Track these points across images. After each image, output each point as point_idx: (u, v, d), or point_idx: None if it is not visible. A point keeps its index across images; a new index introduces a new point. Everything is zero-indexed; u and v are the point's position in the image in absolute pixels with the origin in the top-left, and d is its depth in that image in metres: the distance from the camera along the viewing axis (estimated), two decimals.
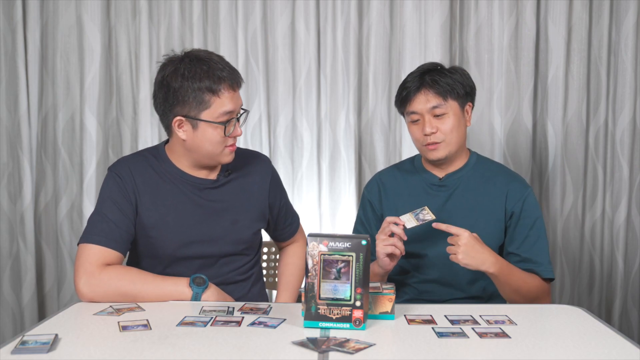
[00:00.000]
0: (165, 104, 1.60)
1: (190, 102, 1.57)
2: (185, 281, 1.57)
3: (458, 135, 1.79)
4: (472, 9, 2.60)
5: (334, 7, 2.60)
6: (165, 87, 1.59)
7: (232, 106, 1.59)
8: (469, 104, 1.84)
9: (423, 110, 1.78)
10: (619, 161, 2.65)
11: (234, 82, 1.60)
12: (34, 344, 1.20)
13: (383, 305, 1.41)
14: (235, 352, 1.20)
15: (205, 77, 1.56)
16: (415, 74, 1.82)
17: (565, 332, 1.35)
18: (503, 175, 1.86)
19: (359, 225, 1.97)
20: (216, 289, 1.60)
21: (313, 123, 2.63)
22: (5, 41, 2.52)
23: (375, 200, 1.92)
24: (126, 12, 2.59)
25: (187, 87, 1.56)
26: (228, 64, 1.62)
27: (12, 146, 2.55)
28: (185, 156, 1.67)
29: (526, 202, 1.81)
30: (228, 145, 1.63)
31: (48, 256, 2.62)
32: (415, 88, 1.79)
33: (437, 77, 1.77)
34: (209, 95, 1.56)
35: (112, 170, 1.68)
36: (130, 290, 1.53)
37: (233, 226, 1.71)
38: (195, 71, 1.56)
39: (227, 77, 1.58)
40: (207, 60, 1.58)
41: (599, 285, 2.70)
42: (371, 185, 1.96)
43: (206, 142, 1.60)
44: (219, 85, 1.56)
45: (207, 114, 1.58)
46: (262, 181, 1.78)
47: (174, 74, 1.57)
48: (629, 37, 2.59)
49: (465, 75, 1.83)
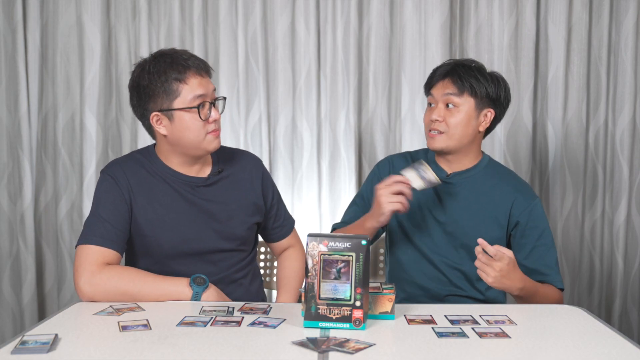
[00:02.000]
0: (140, 103, 1.64)
1: (161, 95, 1.60)
2: (186, 281, 1.57)
3: (462, 133, 1.78)
4: (472, 9, 2.60)
5: (334, 7, 2.60)
6: (136, 88, 1.63)
7: (202, 90, 1.61)
8: (490, 110, 1.80)
9: (438, 96, 1.79)
10: (619, 161, 2.65)
11: (200, 69, 1.62)
12: (34, 344, 1.20)
13: (383, 305, 1.41)
14: (235, 352, 1.20)
15: (170, 68, 1.59)
16: (450, 62, 1.83)
17: (565, 332, 1.35)
18: (511, 182, 1.85)
19: (359, 199, 1.95)
20: (216, 289, 1.60)
21: (313, 123, 2.63)
22: (5, 41, 2.52)
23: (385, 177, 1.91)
24: (126, 12, 2.59)
25: (155, 81, 1.59)
26: (193, 55, 1.65)
27: (12, 146, 2.55)
28: (173, 153, 1.68)
29: (533, 213, 1.80)
30: (210, 132, 1.64)
31: (48, 256, 2.62)
32: (441, 74, 1.81)
33: (464, 72, 1.77)
34: (176, 84, 1.59)
35: (105, 172, 1.69)
36: (130, 289, 1.53)
37: (227, 222, 1.72)
38: (160, 65, 1.60)
39: (192, 65, 1.61)
40: (171, 54, 1.63)
41: (599, 285, 2.70)
42: (382, 164, 1.97)
43: (186, 131, 1.62)
44: (184, 74, 1.59)
45: (178, 102, 1.60)
46: (253, 177, 1.80)
47: (141, 73, 1.62)
48: (629, 37, 2.59)
49: (499, 84, 1.80)
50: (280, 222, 1.89)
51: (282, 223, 1.90)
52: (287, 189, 2.64)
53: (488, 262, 1.55)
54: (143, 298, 1.53)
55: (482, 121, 1.80)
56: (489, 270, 1.55)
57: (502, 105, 1.83)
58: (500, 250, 1.54)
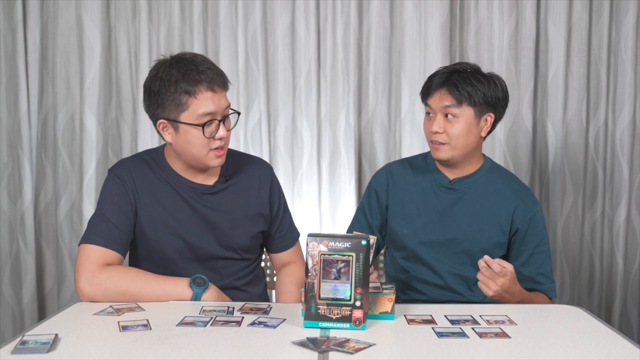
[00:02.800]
0: (149, 108, 1.62)
1: (169, 105, 1.56)
2: (186, 281, 1.57)
3: (465, 142, 1.76)
4: (472, 9, 2.60)
5: (334, 7, 2.59)
6: (147, 91, 1.60)
7: (212, 107, 1.56)
8: (490, 115, 1.78)
9: (436, 108, 1.77)
10: (619, 161, 2.65)
11: (213, 83, 1.57)
12: (34, 344, 1.20)
13: (383, 305, 1.41)
14: (235, 352, 1.20)
15: (181, 80, 1.54)
16: (445, 70, 1.80)
17: (565, 332, 1.35)
18: (513, 187, 1.85)
19: (360, 213, 1.95)
20: (216, 289, 1.60)
21: (313, 123, 2.63)
22: (5, 41, 2.52)
23: (382, 190, 1.91)
24: (126, 12, 2.59)
25: (165, 90, 1.55)
26: (212, 67, 1.60)
27: (12, 146, 2.55)
28: (178, 159, 1.67)
29: (533, 220, 1.80)
30: (213, 149, 1.60)
31: (48, 256, 2.62)
32: (437, 84, 1.78)
33: (460, 81, 1.74)
34: (185, 97, 1.55)
35: (112, 172, 1.69)
36: (130, 289, 1.53)
37: (230, 232, 1.70)
38: (172, 74, 1.55)
39: (205, 79, 1.55)
40: (187, 63, 1.57)
41: (599, 285, 2.70)
42: (380, 175, 1.94)
43: (188, 145, 1.59)
44: (195, 87, 1.54)
45: (185, 116, 1.56)
46: (262, 184, 1.77)
47: (154, 78, 1.58)
48: (629, 37, 2.59)
49: (495, 86, 1.77)
50: (283, 233, 1.84)
51: (285, 235, 1.84)
52: (287, 189, 2.63)
53: (492, 277, 1.57)
54: (143, 298, 1.53)
55: (483, 126, 1.79)
56: (492, 284, 1.57)
57: (500, 107, 1.82)
58: (502, 265, 1.56)
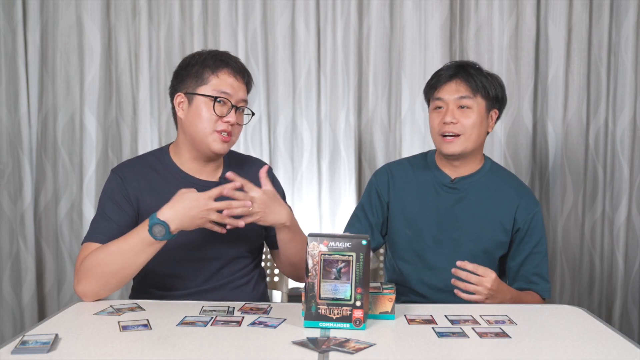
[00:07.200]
0: (174, 82, 1.70)
1: (191, 79, 1.65)
2: (145, 228, 1.49)
3: (477, 134, 1.77)
4: (472, 9, 2.60)
5: (334, 7, 2.60)
6: (179, 67, 1.70)
7: (229, 89, 1.64)
8: (495, 111, 1.82)
9: (449, 99, 1.77)
10: (619, 161, 2.65)
11: (237, 72, 1.66)
12: (34, 344, 1.20)
13: (383, 305, 1.41)
14: (235, 352, 1.20)
15: (210, 58, 1.66)
16: (452, 65, 1.82)
17: (565, 332, 1.35)
18: (514, 186, 1.85)
19: (360, 212, 1.93)
20: (175, 205, 1.50)
21: (313, 123, 2.63)
22: (5, 41, 2.52)
23: (384, 189, 1.90)
24: (126, 12, 2.59)
25: (193, 63, 1.67)
26: (241, 62, 1.70)
27: (12, 146, 2.55)
28: (185, 147, 1.69)
29: (534, 220, 1.80)
30: (218, 130, 1.63)
31: (48, 256, 2.62)
32: (448, 76, 1.79)
33: (473, 72, 1.77)
34: (208, 72, 1.65)
35: (114, 172, 1.70)
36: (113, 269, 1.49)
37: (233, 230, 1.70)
38: (204, 54, 1.68)
39: (232, 65, 1.66)
40: (221, 53, 1.69)
41: (599, 285, 2.70)
42: (380, 173, 1.94)
43: (197, 119, 1.64)
44: (220, 68, 1.65)
45: (202, 89, 1.64)
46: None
47: (190, 56, 1.71)
48: (629, 37, 2.59)
49: (500, 84, 1.82)
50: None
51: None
52: (287, 189, 2.63)
53: (478, 282, 1.58)
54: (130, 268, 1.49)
55: (490, 122, 1.81)
56: (481, 289, 1.59)
57: (503, 105, 1.85)
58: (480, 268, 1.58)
